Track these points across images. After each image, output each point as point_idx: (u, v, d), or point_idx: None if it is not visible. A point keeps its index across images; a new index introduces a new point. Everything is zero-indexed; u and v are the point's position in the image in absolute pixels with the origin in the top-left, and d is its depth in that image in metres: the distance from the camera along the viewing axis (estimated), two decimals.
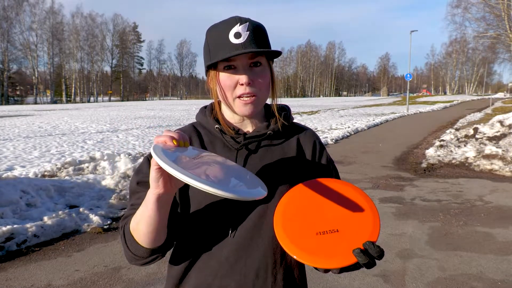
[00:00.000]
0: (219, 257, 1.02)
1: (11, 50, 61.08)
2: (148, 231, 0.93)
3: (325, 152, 1.16)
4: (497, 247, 3.96)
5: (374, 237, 0.89)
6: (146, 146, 10.60)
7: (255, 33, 1.00)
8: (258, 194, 0.84)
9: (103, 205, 5.26)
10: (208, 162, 0.89)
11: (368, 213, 0.93)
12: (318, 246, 0.89)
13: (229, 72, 1.00)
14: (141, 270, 3.50)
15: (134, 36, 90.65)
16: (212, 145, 1.08)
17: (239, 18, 1.00)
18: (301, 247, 0.90)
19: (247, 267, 1.01)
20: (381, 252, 0.86)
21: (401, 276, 3.37)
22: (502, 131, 9.74)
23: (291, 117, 1.16)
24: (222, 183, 0.81)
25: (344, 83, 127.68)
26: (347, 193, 0.98)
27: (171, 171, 0.74)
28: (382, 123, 19.03)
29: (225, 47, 0.98)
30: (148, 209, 0.89)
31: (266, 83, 1.03)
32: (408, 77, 31.77)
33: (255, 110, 1.03)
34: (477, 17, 32.54)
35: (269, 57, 1.06)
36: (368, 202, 0.95)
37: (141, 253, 0.97)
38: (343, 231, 0.91)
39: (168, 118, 22.41)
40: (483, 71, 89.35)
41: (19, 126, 16.96)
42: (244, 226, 1.01)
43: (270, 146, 1.09)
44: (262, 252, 1.01)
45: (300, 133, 1.14)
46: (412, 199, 5.81)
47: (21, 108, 38.52)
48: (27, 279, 3.38)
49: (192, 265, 1.04)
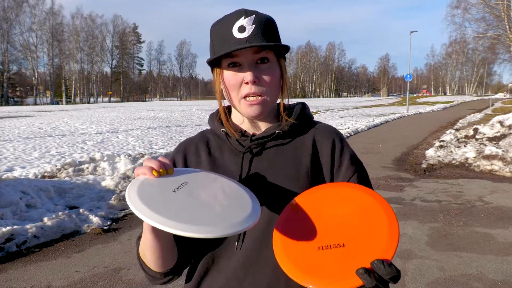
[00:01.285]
0: (227, 272, 0.94)
1: (11, 51, 61.16)
2: (155, 258, 0.92)
3: (348, 152, 1.00)
4: (497, 248, 3.96)
5: (388, 254, 0.73)
6: (146, 147, 10.61)
7: (262, 26, 0.91)
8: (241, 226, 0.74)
9: (103, 206, 5.26)
10: (190, 191, 0.81)
11: (384, 226, 0.77)
12: (317, 263, 0.76)
13: (233, 70, 0.92)
14: (141, 271, 3.50)
15: (134, 37, 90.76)
16: (220, 150, 1.01)
17: (245, 11, 0.92)
18: (296, 263, 0.77)
19: (257, 283, 0.92)
20: (395, 273, 0.70)
21: (401, 277, 3.36)
22: (502, 131, 9.74)
23: (309, 114, 1.05)
24: (196, 221, 0.72)
25: (344, 84, 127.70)
26: (361, 201, 0.83)
27: (140, 216, 0.72)
28: (382, 123, 19.03)
29: (228, 42, 0.90)
30: (147, 239, 0.88)
31: (274, 81, 0.93)
32: (408, 78, 31.78)
33: (262, 112, 0.94)
34: (477, 17, 32.58)
35: (278, 53, 0.96)
36: (388, 213, 0.79)
37: (155, 275, 0.96)
38: (350, 246, 0.77)
39: (168, 119, 22.42)
40: (483, 72, 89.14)
41: (19, 127, 16.96)
42: (251, 237, 0.93)
43: (280, 147, 0.99)
44: (272, 265, 0.89)
45: (317, 131, 1.02)
46: (412, 199, 5.81)
47: (21, 109, 38.52)
48: (27, 280, 3.38)
49: (201, 283, 0.98)
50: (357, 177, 0.97)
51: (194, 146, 1.05)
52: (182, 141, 1.10)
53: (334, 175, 0.98)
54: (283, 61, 0.98)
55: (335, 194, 0.86)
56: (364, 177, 0.99)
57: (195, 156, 1.03)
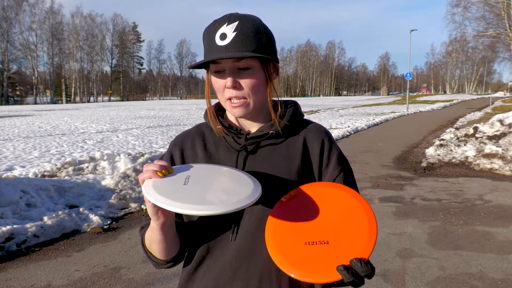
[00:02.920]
0: (222, 262, 0.99)
1: (11, 50, 61.17)
2: (160, 249, 1.00)
3: (335, 151, 1.06)
4: (497, 246, 3.96)
5: (365, 254, 0.81)
6: (146, 146, 10.60)
7: (244, 33, 0.94)
8: (249, 199, 0.84)
9: (103, 205, 5.26)
10: (197, 181, 0.91)
11: (364, 227, 0.85)
12: (303, 257, 0.84)
13: (217, 76, 0.98)
14: (141, 270, 3.51)
15: (133, 36, 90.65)
16: (215, 146, 1.06)
17: (229, 17, 0.95)
18: (285, 255, 0.85)
19: (250, 272, 0.97)
20: (370, 271, 0.80)
21: (401, 276, 3.37)
22: (502, 130, 9.74)
23: (300, 113, 1.09)
24: (213, 201, 0.84)
25: (344, 83, 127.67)
26: (347, 202, 0.90)
27: (166, 206, 0.82)
28: (382, 122, 19.04)
29: (211, 48, 0.95)
30: (155, 235, 0.97)
31: (255, 86, 0.97)
32: (408, 77, 31.77)
33: (245, 112, 0.99)
34: (477, 16, 32.52)
35: (263, 59, 0.98)
36: (368, 214, 0.87)
37: (160, 262, 1.04)
38: (333, 243, 0.84)
39: (168, 118, 22.42)
40: (483, 70, 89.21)
41: (19, 126, 16.95)
42: (245, 229, 0.98)
43: (274, 146, 1.04)
44: (265, 256, 0.94)
45: (308, 131, 1.07)
46: (412, 198, 5.81)
47: (21, 108, 38.52)
48: (27, 279, 3.38)
49: (197, 270, 1.03)
50: (343, 176, 1.04)
51: (191, 140, 1.10)
52: (178, 134, 1.16)
53: (322, 172, 1.04)
54: (271, 66, 1.01)
55: (323, 193, 0.93)
56: (349, 175, 1.06)
57: (191, 150, 1.09)
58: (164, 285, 3.24)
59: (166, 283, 3.25)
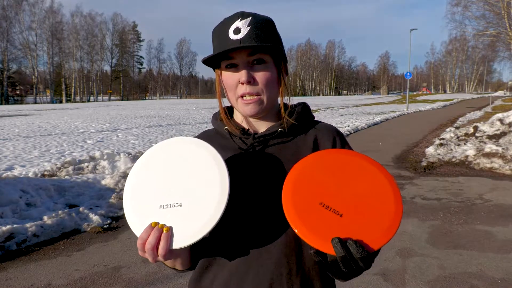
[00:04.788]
0: (229, 266, 0.96)
1: (11, 49, 61.06)
2: (184, 265, 1.02)
3: (348, 147, 1.05)
4: (497, 245, 3.96)
5: (375, 244, 0.77)
6: (146, 146, 10.59)
7: (258, 28, 0.93)
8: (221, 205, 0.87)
9: (103, 204, 5.26)
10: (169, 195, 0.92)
11: (385, 218, 0.80)
12: (312, 216, 0.81)
13: (230, 71, 0.96)
14: (141, 269, 3.50)
15: (133, 35, 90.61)
16: (223, 149, 1.03)
17: (242, 14, 0.95)
18: (296, 206, 0.82)
19: (260, 277, 0.94)
20: (364, 255, 0.76)
21: (401, 275, 3.37)
22: (502, 129, 9.73)
23: (310, 114, 1.08)
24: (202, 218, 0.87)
25: (344, 82, 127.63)
26: (378, 183, 0.84)
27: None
28: (382, 121, 19.02)
29: (224, 43, 0.93)
30: (178, 264, 1.00)
31: (269, 82, 0.96)
32: (408, 76, 31.74)
33: (258, 110, 0.97)
34: (477, 15, 32.47)
35: (275, 57, 0.98)
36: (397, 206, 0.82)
37: (185, 271, 1.06)
38: (346, 218, 0.80)
39: (168, 117, 22.40)
40: (483, 70, 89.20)
41: (19, 126, 16.95)
42: (253, 231, 0.95)
43: (282, 144, 1.02)
44: (275, 260, 0.92)
45: (318, 131, 1.05)
46: (412, 197, 5.80)
47: (20, 108, 38.50)
48: (27, 278, 3.38)
49: (203, 276, 1.01)
50: None
51: None
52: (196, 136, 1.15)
53: None
54: (283, 64, 1.01)
55: (354, 164, 0.88)
56: None
57: None
58: (164, 284, 3.24)
59: (166, 283, 3.25)
